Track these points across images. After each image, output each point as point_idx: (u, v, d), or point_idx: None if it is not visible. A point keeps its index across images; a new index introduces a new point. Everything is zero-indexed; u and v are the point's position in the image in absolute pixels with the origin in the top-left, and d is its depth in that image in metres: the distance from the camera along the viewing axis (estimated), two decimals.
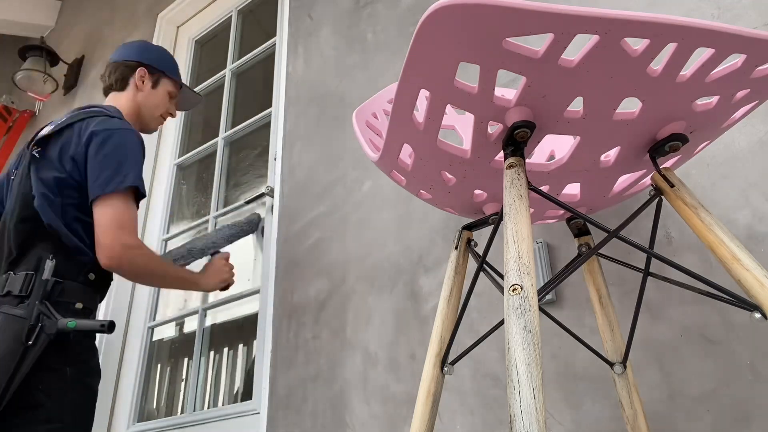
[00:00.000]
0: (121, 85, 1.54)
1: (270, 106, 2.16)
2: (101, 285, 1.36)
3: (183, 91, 1.65)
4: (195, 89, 2.61)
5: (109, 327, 1.23)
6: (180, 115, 2.60)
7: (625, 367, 0.93)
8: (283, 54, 2.14)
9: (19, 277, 1.24)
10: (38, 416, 1.16)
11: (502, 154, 0.81)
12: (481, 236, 1.29)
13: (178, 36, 2.90)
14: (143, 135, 1.46)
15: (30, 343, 1.15)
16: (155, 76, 1.57)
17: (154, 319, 2.16)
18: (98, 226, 1.26)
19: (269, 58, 2.37)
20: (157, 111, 1.57)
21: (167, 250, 1.67)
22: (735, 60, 0.69)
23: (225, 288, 1.56)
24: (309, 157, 1.84)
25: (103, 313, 2.16)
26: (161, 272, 1.39)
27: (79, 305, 1.26)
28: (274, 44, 2.32)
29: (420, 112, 0.81)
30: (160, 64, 1.59)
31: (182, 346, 2.15)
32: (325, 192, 1.73)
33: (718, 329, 0.98)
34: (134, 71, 1.54)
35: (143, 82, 1.54)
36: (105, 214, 1.26)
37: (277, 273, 1.74)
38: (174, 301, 2.23)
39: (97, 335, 1.35)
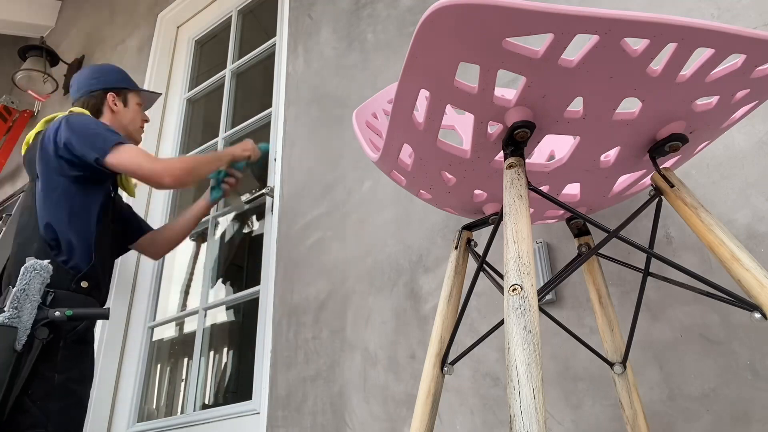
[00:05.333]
0: (95, 115, 1.62)
1: (270, 106, 2.16)
2: (96, 291, 1.37)
3: (142, 95, 1.76)
4: (195, 89, 2.62)
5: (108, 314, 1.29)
6: (180, 115, 2.60)
7: (624, 367, 0.93)
8: (283, 54, 2.14)
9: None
10: (24, 421, 1.18)
11: (502, 154, 0.81)
12: (481, 236, 1.29)
13: (178, 36, 2.90)
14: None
15: (22, 350, 1.17)
16: (122, 95, 1.68)
17: (154, 319, 2.16)
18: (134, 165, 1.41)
19: (269, 58, 2.37)
20: (136, 124, 1.69)
21: None
22: (735, 60, 0.69)
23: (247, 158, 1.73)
24: (309, 157, 1.84)
25: None
26: (198, 162, 1.55)
27: (70, 312, 1.28)
28: (274, 44, 2.32)
29: (420, 112, 0.81)
30: (120, 82, 1.70)
31: (182, 346, 2.15)
32: (325, 192, 1.73)
33: (718, 329, 0.98)
34: (104, 99, 1.64)
35: (116, 104, 1.65)
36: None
37: (277, 273, 1.74)
38: (174, 301, 2.23)
39: (96, 340, 1.37)
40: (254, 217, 2.22)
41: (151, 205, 2.41)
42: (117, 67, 1.77)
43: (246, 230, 2.24)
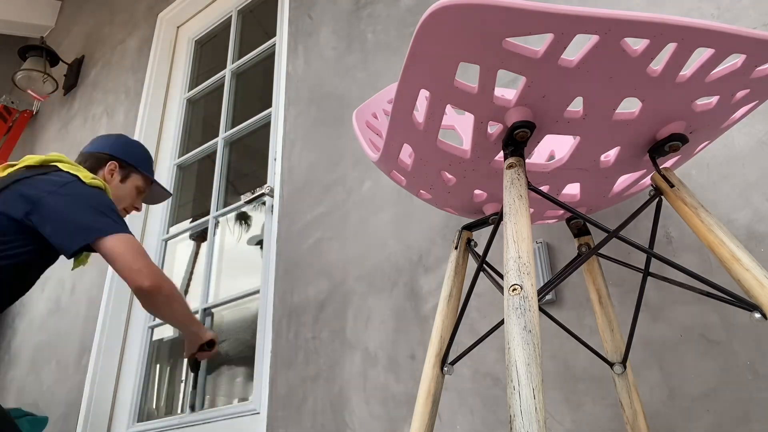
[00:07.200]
0: None
1: (270, 106, 2.16)
2: None
3: (153, 186, 1.63)
4: (195, 89, 2.62)
5: None
6: (180, 115, 2.61)
7: (624, 367, 0.93)
8: (283, 54, 2.14)
9: None
10: None
11: (502, 154, 0.81)
12: (481, 236, 1.29)
13: (178, 36, 2.90)
14: None
15: None
16: (126, 171, 1.54)
17: (154, 319, 2.16)
18: (119, 255, 1.25)
19: (269, 58, 2.37)
20: (122, 204, 1.54)
21: None
22: (735, 60, 0.69)
23: (191, 357, 1.53)
24: (309, 157, 1.84)
25: (102, 313, 2.16)
26: (183, 300, 1.39)
27: None
28: (274, 44, 2.32)
29: (420, 112, 0.81)
30: (133, 159, 1.56)
31: (182, 346, 2.15)
32: (325, 192, 1.73)
33: (718, 329, 0.98)
34: (104, 164, 1.51)
35: (112, 175, 1.52)
36: (118, 245, 1.26)
37: (277, 273, 1.74)
38: None
39: None
40: (254, 218, 2.22)
41: (151, 208, 2.41)
42: (142, 146, 1.63)
43: (246, 233, 2.24)
